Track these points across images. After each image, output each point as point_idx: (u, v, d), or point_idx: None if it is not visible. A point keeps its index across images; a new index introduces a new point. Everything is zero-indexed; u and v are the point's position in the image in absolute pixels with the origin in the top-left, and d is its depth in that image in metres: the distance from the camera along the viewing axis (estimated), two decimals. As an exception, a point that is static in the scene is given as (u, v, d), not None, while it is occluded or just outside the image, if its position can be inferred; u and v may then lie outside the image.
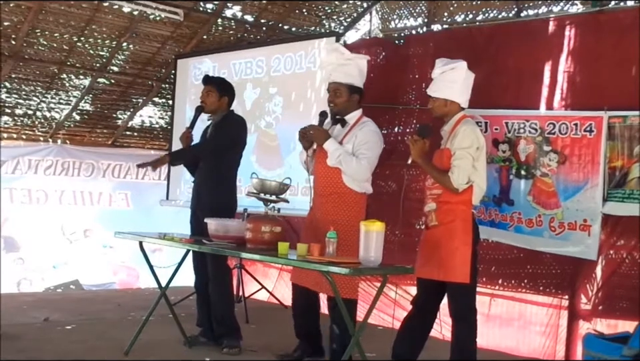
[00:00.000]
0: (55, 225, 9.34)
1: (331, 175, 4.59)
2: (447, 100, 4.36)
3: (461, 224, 4.26)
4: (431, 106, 4.44)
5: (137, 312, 6.48)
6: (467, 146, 4.23)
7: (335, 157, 4.53)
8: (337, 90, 4.61)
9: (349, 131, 4.64)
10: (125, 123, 9.50)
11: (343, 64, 4.62)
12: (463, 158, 4.21)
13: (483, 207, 5.87)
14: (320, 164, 4.62)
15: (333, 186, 4.59)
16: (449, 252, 4.22)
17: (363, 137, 4.58)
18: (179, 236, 4.98)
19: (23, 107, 8.72)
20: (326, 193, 4.61)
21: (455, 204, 4.28)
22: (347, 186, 4.58)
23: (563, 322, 5.73)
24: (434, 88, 4.40)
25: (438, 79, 4.38)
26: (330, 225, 4.22)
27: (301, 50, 7.22)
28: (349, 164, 4.51)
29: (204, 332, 5.40)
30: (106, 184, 9.69)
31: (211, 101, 5.36)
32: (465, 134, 4.25)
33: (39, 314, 6.35)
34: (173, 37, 8.40)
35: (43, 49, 8.08)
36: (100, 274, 9.62)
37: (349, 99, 4.63)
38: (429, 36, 7.07)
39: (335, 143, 4.56)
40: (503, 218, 5.78)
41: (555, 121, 5.50)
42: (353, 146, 4.56)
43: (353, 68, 4.64)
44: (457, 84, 4.36)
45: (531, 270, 5.96)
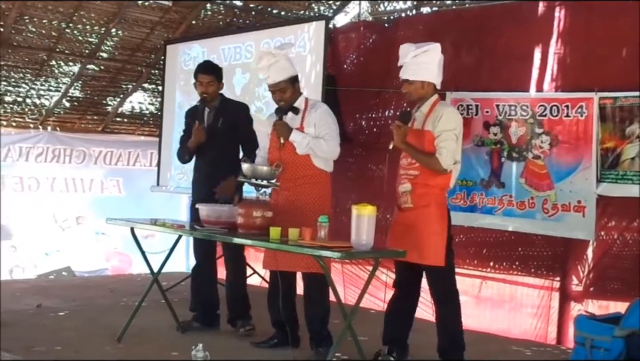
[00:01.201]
0: (47, 212, 9.32)
1: (301, 160, 4.67)
2: (423, 82, 4.37)
3: (436, 209, 4.30)
4: (406, 91, 4.44)
5: (129, 298, 6.48)
6: (452, 128, 4.27)
7: (304, 145, 4.62)
8: (281, 88, 4.69)
9: (303, 116, 4.74)
10: (115, 109, 9.47)
11: (275, 63, 4.68)
12: (449, 139, 4.24)
13: (463, 192, 5.90)
14: (289, 154, 4.68)
15: (303, 169, 4.68)
16: (425, 236, 4.25)
17: (320, 120, 4.68)
18: (170, 222, 4.98)
19: (12, 94, 8.67)
20: (296, 177, 4.68)
21: (431, 188, 4.31)
22: (317, 167, 4.68)
23: (554, 303, 5.77)
24: (409, 72, 4.39)
25: (411, 63, 4.37)
26: (304, 207, 4.47)
27: (290, 35, 7.19)
28: (320, 147, 4.62)
29: (197, 317, 5.43)
30: (97, 170, 9.66)
31: (212, 90, 5.37)
32: (449, 116, 4.29)
33: (32, 301, 6.35)
34: (161, 23, 8.35)
35: (32, 36, 8.03)
36: (92, 261, 9.61)
37: (293, 91, 4.73)
38: (418, 19, 7.07)
39: (300, 133, 4.66)
40: (490, 201, 5.80)
41: (546, 103, 5.51)
42: (315, 129, 4.67)
43: (284, 62, 4.71)
44: (432, 65, 4.38)
45: (522, 252, 6.00)
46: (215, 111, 5.40)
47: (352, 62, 7.34)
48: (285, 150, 4.69)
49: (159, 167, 8.71)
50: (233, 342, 5.13)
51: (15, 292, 6.89)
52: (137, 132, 9.93)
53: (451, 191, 5.93)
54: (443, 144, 4.24)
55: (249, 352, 4.86)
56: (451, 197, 6.00)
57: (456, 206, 5.98)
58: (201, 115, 5.44)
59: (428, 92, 4.38)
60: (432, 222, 4.27)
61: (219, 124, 5.36)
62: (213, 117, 5.39)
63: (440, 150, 4.24)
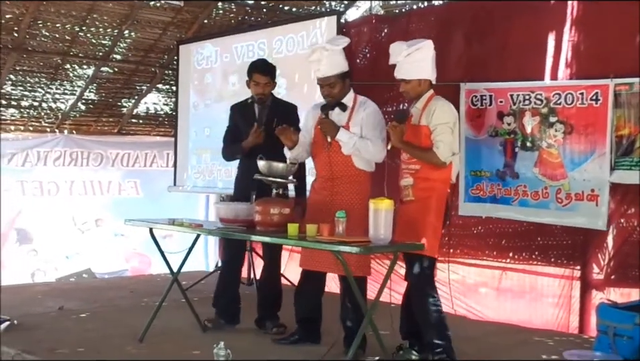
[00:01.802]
0: (66, 216, 9.38)
1: (342, 160, 4.63)
2: (420, 80, 4.41)
3: (436, 201, 4.35)
4: (403, 90, 4.48)
5: (149, 298, 6.51)
6: (446, 121, 4.32)
7: (351, 145, 4.56)
8: (331, 83, 4.62)
9: (351, 113, 4.67)
10: (130, 111, 9.51)
11: (327, 57, 4.60)
12: (445, 132, 4.29)
13: (484, 182, 5.88)
14: (334, 153, 4.63)
15: (344, 169, 4.63)
16: (423, 226, 4.30)
17: (367, 120, 4.61)
18: (188, 221, 5.00)
19: (28, 99, 8.73)
20: (337, 176, 4.64)
21: (433, 181, 4.36)
22: (358, 168, 4.63)
23: (575, 292, 5.73)
24: (404, 71, 4.42)
25: (405, 62, 4.40)
26: (347, 206, 4.35)
27: (303, 31, 7.19)
28: (366, 149, 4.55)
29: (219, 312, 5.45)
30: (115, 173, 9.71)
31: (268, 91, 5.32)
32: (442, 110, 4.34)
33: (54, 303, 6.40)
34: (174, 23, 8.38)
35: (46, 40, 8.08)
36: (112, 262, 9.67)
37: (343, 86, 4.65)
38: (430, 11, 7.04)
39: (347, 133, 4.58)
40: (507, 192, 5.77)
41: (561, 91, 5.47)
42: (361, 129, 4.60)
43: (336, 57, 4.63)
44: (426, 62, 4.42)
45: (541, 242, 5.96)
46: (268, 110, 5.30)
47: (364, 56, 7.32)
48: (331, 149, 4.64)
49: (175, 167, 8.74)
50: (254, 339, 5.14)
51: (37, 295, 6.95)
52: (152, 133, 9.96)
53: (469, 182, 5.96)
54: (440, 137, 4.29)
55: (270, 350, 4.88)
56: (470, 188, 5.99)
57: (475, 197, 5.97)
58: (253, 114, 5.35)
59: (424, 89, 4.44)
60: (430, 213, 4.33)
61: (273, 125, 5.18)
62: (267, 117, 5.28)
63: (437, 143, 4.29)
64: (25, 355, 4.67)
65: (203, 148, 8.25)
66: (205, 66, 8.28)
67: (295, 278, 6.94)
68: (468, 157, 5.93)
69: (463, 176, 5.93)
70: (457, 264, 6.44)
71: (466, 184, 6.01)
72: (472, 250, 6.39)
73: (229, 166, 7.66)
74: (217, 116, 7.98)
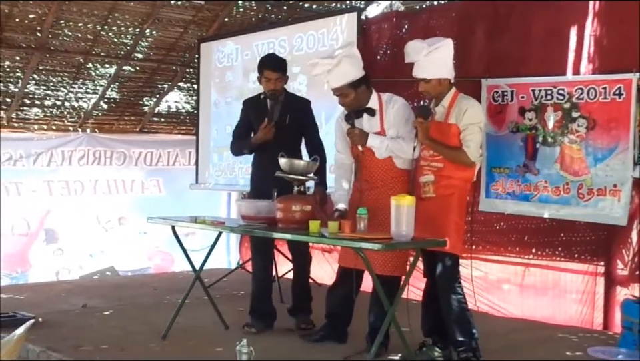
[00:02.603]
0: (90, 215, 9.45)
1: (382, 164, 4.59)
2: (440, 79, 4.40)
3: (458, 199, 4.35)
4: (423, 89, 4.46)
5: (172, 296, 6.55)
6: (477, 121, 4.35)
7: (384, 149, 4.53)
8: (342, 93, 4.57)
9: (381, 116, 4.62)
10: (151, 109, 9.56)
11: (333, 68, 4.54)
12: (475, 132, 4.31)
13: (503, 179, 5.85)
14: (369, 159, 4.60)
15: (385, 172, 4.59)
16: (446, 224, 4.28)
17: (396, 117, 4.57)
18: (210, 219, 5.02)
19: (51, 98, 8.79)
20: (377, 179, 4.59)
21: (456, 179, 4.36)
22: (399, 168, 4.59)
23: (599, 289, 5.69)
24: (424, 70, 4.41)
25: (425, 61, 4.39)
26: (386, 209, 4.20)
27: (323, 28, 7.19)
28: (400, 148, 4.51)
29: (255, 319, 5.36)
30: (138, 171, 9.75)
31: (281, 86, 5.27)
32: (474, 110, 4.36)
33: (78, 301, 6.46)
34: (194, 21, 8.41)
35: (68, 40, 8.14)
36: (135, 260, 9.72)
37: (357, 94, 4.57)
38: (451, 7, 7.00)
39: (377, 137, 4.54)
40: (527, 188, 5.73)
41: (583, 86, 5.43)
42: (397, 129, 4.56)
43: (343, 66, 4.53)
44: (446, 61, 4.42)
45: (565, 238, 5.92)
46: (280, 106, 5.23)
47: (385, 52, 7.31)
48: (365, 155, 4.61)
49: (197, 165, 8.77)
50: (276, 337, 5.15)
51: (61, 292, 7.02)
52: (174, 131, 10.00)
53: (489, 178, 5.93)
54: (470, 137, 4.30)
55: (293, 349, 4.88)
56: (491, 184, 5.97)
57: (495, 193, 5.94)
58: (265, 109, 5.28)
59: (444, 87, 4.43)
60: (453, 211, 4.33)
61: (286, 121, 5.20)
62: (280, 112, 5.22)
63: (467, 143, 4.30)
64: (49, 352, 4.71)
65: (224, 146, 8.26)
66: (225, 64, 8.31)
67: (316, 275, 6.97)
68: (489, 153, 5.90)
69: (483, 173, 5.90)
70: (480, 261, 6.41)
71: (487, 180, 5.98)
72: (495, 246, 6.36)
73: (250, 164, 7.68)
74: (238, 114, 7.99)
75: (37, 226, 9.14)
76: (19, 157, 8.81)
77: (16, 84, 8.35)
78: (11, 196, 8.84)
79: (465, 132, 4.31)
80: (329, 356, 4.64)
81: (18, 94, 8.42)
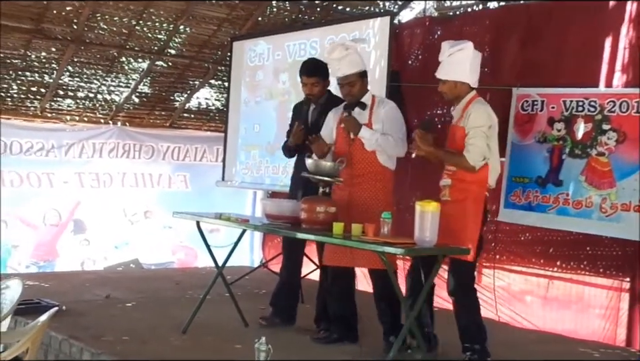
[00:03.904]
0: (117, 207, 9.53)
1: (367, 157, 4.71)
2: (456, 82, 4.41)
3: (472, 203, 4.33)
4: (440, 89, 4.50)
5: (194, 291, 6.59)
6: (481, 125, 4.30)
7: (374, 141, 4.65)
8: (351, 82, 4.71)
9: (370, 112, 4.76)
10: (182, 105, 9.62)
11: (346, 56, 4.69)
12: (477, 136, 4.28)
13: (521, 189, 5.81)
14: (356, 150, 4.70)
15: (369, 166, 4.71)
16: (458, 229, 4.27)
17: (388, 118, 4.71)
18: (235, 216, 5.04)
19: (84, 90, 8.88)
20: (362, 173, 4.72)
21: (469, 183, 4.35)
22: (382, 165, 4.72)
23: (623, 305, 5.63)
24: (443, 71, 4.45)
25: (446, 62, 4.43)
26: (367, 203, 4.55)
27: (355, 31, 7.17)
28: (388, 144, 4.65)
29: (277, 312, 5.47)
30: (165, 166, 9.81)
31: (317, 91, 5.30)
32: (478, 114, 4.33)
33: (101, 291, 6.52)
34: (228, 19, 8.45)
35: (103, 33, 8.21)
36: (159, 254, 9.79)
37: (362, 86, 4.75)
38: (485, 14, 6.98)
39: (369, 130, 4.68)
40: (544, 199, 5.69)
41: (616, 99, 5.38)
42: (383, 126, 4.69)
43: (355, 56, 4.73)
44: (465, 65, 4.40)
45: (590, 252, 5.87)
46: (320, 108, 5.32)
47: (416, 58, 7.30)
48: (353, 146, 4.70)
49: (224, 162, 8.81)
50: (294, 336, 5.17)
51: (85, 282, 7.09)
52: (203, 128, 10.06)
53: (509, 188, 5.89)
54: (471, 141, 4.29)
55: (311, 348, 4.89)
56: (509, 194, 5.93)
57: (512, 203, 5.90)
58: (306, 112, 5.41)
59: (462, 91, 4.43)
60: (466, 215, 4.31)
61: (321, 123, 5.23)
62: (317, 115, 5.32)
63: (467, 147, 4.29)
64: (71, 341, 4.77)
65: (252, 145, 8.31)
66: (257, 63, 8.34)
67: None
68: (511, 162, 5.88)
69: (504, 182, 5.88)
70: (503, 271, 6.38)
71: (507, 190, 5.94)
72: (518, 257, 6.32)
73: (277, 163, 7.72)
74: (267, 114, 8.05)
75: (67, 217, 9.25)
76: (50, 147, 8.91)
77: (51, 75, 8.45)
78: (43, 186, 8.96)
79: (468, 136, 4.31)
80: (346, 355, 4.67)
81: (52, 85, 8.52)
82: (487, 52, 6.44)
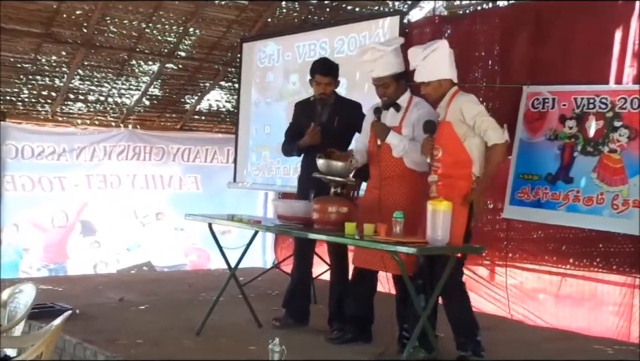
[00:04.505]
0: (128, 209, 9.56)
1: (395, 161, 4.68)
2: (439, 80, 4.42)
3: (458, 200, 4.26)
4: (425, 92, 4.51)
5: (207, 293, 6.60)
6: (478, 110, 4.33)
7: (401, 149, 4.62)
8: (384, 83, 4.68)
9: (404, 114, 4.71)
10: (192, 107, 9.64)
11: (380, 57, 4.65)
12: (484, 120, 4.30)
13: (529, 186, 5.79)
14: (384, 154, 4.68)
15: (396, 169, 4.68)
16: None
17: (421, 121, 4.60)
18: (247, 218, 5.05)
19: (95, 93, 8.92)
20: (389, 176, 4.69)
21: (455, 179, 4.34)
22: (409, 168, 4.67)
23: (637, 301, 5.61)
24: (423, 74, 4.45)
25: (422, 65, 4.44)
26: (394, 205, 4.42)
27: (365, 31, 7.18)
28: (416, 151, 4.56)
29: (290, 313, 5.47)
30: (176, 167, 9.83)
31: (330, 91, 5.31)
32: (468, 105, 4.34)
33: (114, 295, 6.54)
34: (238, 21, 8.47)
35: (113, 36, 8.25)
36: (172, 256, 9.81)
37: (397, 87, 4.70)
38: (495, 12, 6.95)
39: (397, 136, 4.65)
40: (554, 196, 5.66)
41: (627, 96, 5.36)
42: (413, 130, 4.64)
43: (391, 57, 4.66)
44: (444, 62, 4.42)
45: (603, 249, 5.85)
46: (330, 109, 5.31)
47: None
48: (381, 150, 4.68)
49: (235, 164, 8.83)
50: (308, 337, 5.17)
51: (98, 285, 7.12)
52: (214, 130, 10.07)
53: (516, 185, 5.86)
54: (484, 125, 4.29)
55: (325, 349, 4.89)
56: (516, 191, 5.90)
57: (520, 200, 5.88)
58: (314, 112, 5.37)
59: (446, 88, 4.44)
60: (455, 212, 4.19)
61: (334, 124, 5.27)
62: (328, 116, 5.30)
63: (484, 133, 4.29)
64: (85, 344, 4.79)
65: (262, 146, 8.32)
66: (267, 64, 8.35)
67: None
68: (519, 160, 5.86)
69: (510, 180, 5.86)
70: (515, 269, 6.36)
71: (512, 187, 5.92)
72: (531, 255, 6.30)
73: (288, 164, 7.72)
74: (277, 115, 8.05)
75: (73, 218, 9.27)
76: (62, 151, 8.95)
77: (61, 79, 8.49)
78: (54, 190, 8.99)
79: (476, 127, 4.30)
80: (359, 355, 4.67)
81: (63, 89, 8.56)
82: (496, 51, 6.43)
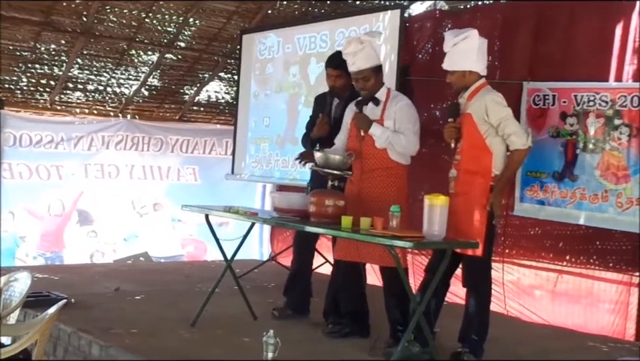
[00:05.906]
0: (126, 199, 9.55)
1: (378, 153, 4.68)
2: (464, 71, 4.36)
3: (479, 197, 4.24)
4: (449, 81, 4.45)
5: (203, 284, 6.60)
6: (505, 113, 4.27)
7: (384, 139, 4.62)
8: (365, 76, 4.67)
9: (384, 107, 4.72)
10: (191, 98, 9.62)
11: (361, 50, 4.65)
12: (509, 124, 4.25)
13: (538, 184, 5.78)
14: (367, 146, 4.68)
15: (379, 162, 4.67)
16: (466, 225, 4.23)
17: (401, 113, 4.66)
18: (244, 210, 5.04)
19: (94, 83, 8.89)
20: (372, 168, 4.68)
21: (473, 175, 4.28)
22: (393, 160, 4.68)
23: (633, 299, 5.61)
24: (449, 62, 4.40)
25: (451, 52, 4.38)
26: (378, 198, 4.49)
27: (366, 24, 7.16)
28: (399, 142, 4.60)
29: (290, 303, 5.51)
30: (174, 158, 9.82)
31: (340, 84, 5.29)
32: (495, 105, 4.27)
33: (110, 284, 6.54)
34: (238, 12, 8.44)
35: (113, 26, 8.22)
36: (169, 247, 9.81)
37: (376, 80, 4.71)
38: (496, 7, 6.94)
39: (380, 127, 4.65)
40: (562, 194, 5.66)
41: (627, 93, 5.34)
42: (394, 123, 4.65)
43: (370, 50, 4.69)
44: (472, 52, 4.34)
45: (600, 246, 5.84)
46: (344, 103, 5.27)
47: (427, 51, 7.26)
48: (364, 142, 4.68)
49: (233, 155, 8.81)
50: (305, 330, 5.17)
51: (94, 275, 7.12)
52: (212, 121, 10.06)
53: (524, 183, 5.86)
54: (508, 130, 4.25)
55: (320, 341, 4.89)
56: (526, 189, 5.90)
57: (529, 198, 5.87)
58: (329, 105, 5.40)
59: (470, 80, 4.38)
60: (473, 210, 4.23)
61: None
62: (341, 109, 5.27)
63: (508, 138, 4.25)
64: (80, 333, 4.79)
65: (261, 138, 8.31)
66: (267, 56, 8.33)
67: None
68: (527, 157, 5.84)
69: (519, 177, 5.84)
70: (512, 265, 6.36)
71: (522, 185, 5.91)
72: (528, 251, 6.30)
73: (286, 156, 7.72)
74: (277, 107, 8.04)
75: (70, 206, 9.26)
76: (60, 140, 8.94)
77: (60, 68, 8.46)
78: (52, 178, 8.98)
79: (500, 129, 4.26)
80: (357, 349, 4.67)
81: (62, 78, 8.54)
82: (497, 46, 6.41)
